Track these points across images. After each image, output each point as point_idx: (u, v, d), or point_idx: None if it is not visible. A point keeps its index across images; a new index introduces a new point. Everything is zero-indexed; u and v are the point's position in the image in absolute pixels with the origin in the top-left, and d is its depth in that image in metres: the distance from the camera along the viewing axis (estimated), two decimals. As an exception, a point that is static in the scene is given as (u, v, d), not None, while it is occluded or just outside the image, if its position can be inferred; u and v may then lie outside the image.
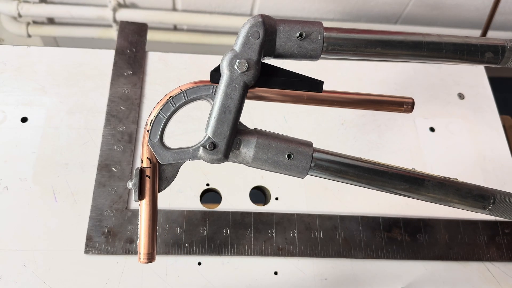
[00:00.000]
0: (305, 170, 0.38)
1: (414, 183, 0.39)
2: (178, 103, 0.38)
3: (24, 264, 0.54)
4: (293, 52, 0.36)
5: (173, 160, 0.38)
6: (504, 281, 0.61)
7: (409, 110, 0.42)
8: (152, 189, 0.38)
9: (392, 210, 0.64)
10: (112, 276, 0.55)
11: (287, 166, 0.38)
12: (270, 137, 0.38)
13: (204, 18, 1.10)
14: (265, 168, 0.38)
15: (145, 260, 0.38)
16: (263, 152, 0.37)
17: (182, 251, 0.57)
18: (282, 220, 0.61)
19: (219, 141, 0.36)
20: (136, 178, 0.37)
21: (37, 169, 0.60)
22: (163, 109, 0.38)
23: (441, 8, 1.14)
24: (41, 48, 0.71)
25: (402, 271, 0.60)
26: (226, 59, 0.35)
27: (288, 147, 0.37)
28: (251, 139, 0.37)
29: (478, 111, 0.74)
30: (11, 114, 0.64)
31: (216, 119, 0.36)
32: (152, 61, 0.71)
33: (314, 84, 0.38)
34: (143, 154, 0.38)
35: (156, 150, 0.38)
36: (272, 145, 0.37)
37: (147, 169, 0.38)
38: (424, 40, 0.37)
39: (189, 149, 0.38)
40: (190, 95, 0.38)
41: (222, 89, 0.36)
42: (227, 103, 0.36)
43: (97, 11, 1.07)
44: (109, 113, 0.65)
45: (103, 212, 0.58)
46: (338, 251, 0.59)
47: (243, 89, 0.36)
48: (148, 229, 0.38)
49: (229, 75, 0.35)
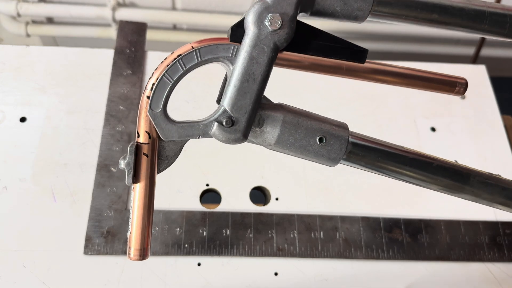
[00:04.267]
0: (338, 157, 0.32)
1: (459, 180, 0.33)
2: (189, 64, 0.30)
3: (23, 265, 0.54)
4: (335, 9, 0.29)
5: (178, 137, 0.31)
6: (505, 281, 0.60)
7: (461, 92, 0.36)
8: (149, 170, 0.32)
9: (393, 210, 0.63)
10: (111, 276, 0.55)
11: (316, 152, 0.31)
12: (299, 115, 0.31)
13: (204, 17, 1.10)
14: (288, 153, 0.32)
15: (136, 257, 0.31)
16: (290, 133, 0.31)
17: (181, 252, 0.57)
18: (282, 220, 0.60)
19: (238, 116, 0.29)
20: (130, 156, 0.30)
21: (36, 169, 0.60)
22: (169, 70, 0.30)
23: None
24: (40, 47, 0.71)
25: (403, 272, 0.60)
26: (254, 11, 0.28)
27: (320, 129, 0.31)
28: (276, 115, 0.30)
29: (479, 111, 0.74)
30: (10, 114, 0.64)
31: (237, 89, 0.29)
32: (152, 61, 0.71)
33: (358, 52, 0.31)
34: (140, 127, 0.30)
35: (158, 122, 0.30)
36: (302, 125, 0.31)
37: (144, 145, 0.31)
38: (488, 11, 0.31)
39: (199, 123, 0.31)
40: (205, 55, 0.30)
41: (246, 50, 0.29)
42: (252, 68, 0.29)
43: (96, 11, 1.06)
44: (108, 113, 0.65)
45: (102, 213, 0.58)
46: (338, 251, 0.59)
47: (272, 52, 0.29)
48: (142, 220, 0.31)
49: (256, 33, 0.28)
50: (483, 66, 0.79)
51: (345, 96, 0.72)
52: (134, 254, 0.31)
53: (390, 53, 1.20)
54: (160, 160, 0.32)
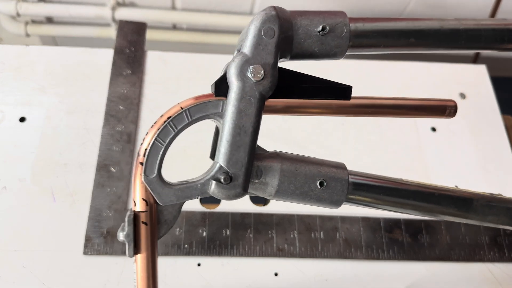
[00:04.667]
0: (341, 199, 0.31)
1: (463, 206, 0.33)
2: (180, 125, 0.30)
3: (22, 265, 0.54)
4: (314, 50, 0.29)
5: (176, 200, 0.30)
6: (505, 282, 0.60)
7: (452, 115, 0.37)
8: (150, 238, 0.30)
9: (393, 210, 0.63)
10: (111, 277, 0.55)
11: (318, 197, 0.31)
12: (296, 161, 0.31)
13: (204, 17, 1.10)
14: (291, 200, 0.31)
15: None
16: (290, 181, 0.30)
17: (181, 252, 0.57)
18: (282, 220, 0.60)
19: (235, 171, 0.29)
20: (130, 227, 0.29)
21: (36, 169, 0.60)
22: (161, 133, 0.30)
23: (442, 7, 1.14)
24: (39, 47, 0.71)
25: (403, 272, 0.59)
26: (235, 66, 0.28)
27: (319, 173, 0.31)
28: (273, 165, 0.30)
29: (479, 111, 0.74)
30: (10, 114, 0.64)
31: (230, 143, 0.29)
32: (151, 61, 0.71)
33: (342, 90, 0.31)
34: (136, 194, 0.29)
35: (154, 188, 0.30)
36: (300, 171, 0.30)
37: (142, 213, 0.29)
38: (462, 28, 0.31)
39: (196, 183, 0.31)
40: (194, 114, 0.30)
41: (233, 104, 0.28)
42: (242, 121, 0.28)
43: (96, 10, 1.06)
44: (108, 113, 0.65)
45: (102, 213, 0.58)
46: (338, 252, 0.59)
47: (259, 102, 0.28)
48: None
49: (241, 86, 0.28)
50: (484, 66, 0.79)
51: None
52: None
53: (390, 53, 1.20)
54: (159, 225, 0.31)
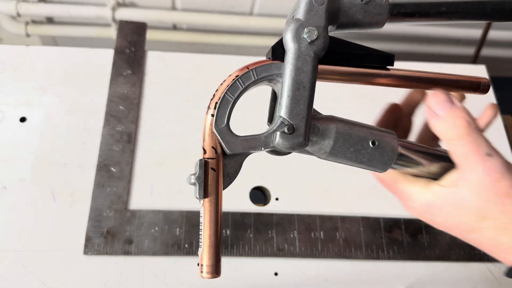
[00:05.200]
0: (391, 160, 0.34)
1: None
2: (247, 83, 0.33)
3: (23, 265, 0.54)
4: (358, 19, 0.32)
5: (242, 149, 0.32)
6: (505, 281, 0.60)
7: (485, 91, 0.39)
8: (216, 185, 0.32)
9: (393, 210, 0.63)
10: (111, 276, 0.55)
11: (370, 156, 0.34)
12: (350, 123, 0.34)
13: (204, 17, 1.10)
14: (342, 160, 0.34)
15: (209, 274, 0.31)
16: (345, 139, 0.33)
17: (181, 252, 0.57)
18: (282, 220, 0.60)
19: (297, 123, 0.32)
20: (201, 170, 0.31)
21: (36, 169, 0.60)
22: (230, 89, 0.33)
23: (441, 7, 1.14)
24: (40, 47, 0.71)
25: (403, 272, 0.60)
26: (291, 29, 0.31)
27: (371, 133, 0.34)
28: (329, 125, 0.33)
29: (479, 111, 0.74)
30: (10, 114, 0.64)
31: (291, 98, 0.32)
32: (152, 61, 0.71)
33: (386, 57, 0.34)
34: (206, 143, 0.32)
35: (224, 137, 0.32)
36: (354, 132, 0.33)
37: (211, 160, 0.32)
38: None
39: (260, 136, 0.33)
40: (260, 73, 0.33)
41: (291, 63, 0.31)
42: (300, 78, 0.31)
43: (96, 10, 1.06)
44: (108, 113, 0.65)
45: (102, 213, 0.58)
46: (338, 252, 0.59)
47: (314, 61, 0.32)
48: (213, 235, 0.32)
49: (297, 47, 0.31)
50: (483, 66, 0.79)
51: (345, 96, 0.72)
52: (207, 271, 0.31)
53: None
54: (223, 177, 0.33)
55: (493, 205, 0.31)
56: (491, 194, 0.31)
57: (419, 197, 0.35)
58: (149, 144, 0.64)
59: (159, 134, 0.65)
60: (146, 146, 0.64)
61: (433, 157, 0.35)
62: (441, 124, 0.33)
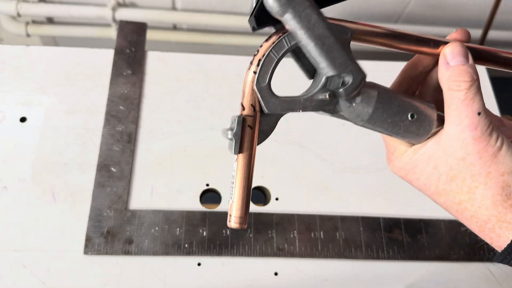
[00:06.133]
0: (427, 133, 0.33)
1: None
2: (292, 42, 0.31)
3: (23, 265, 0.54)
4: None
5: (280, 110, 0.32)
6: (505, 281, 0.60)
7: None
8: (252, 142, 0.33)
9: (393, 210, 0.63)
10: (111, 276, 0.55)
11: (407, 128, 0.33)
12: (391, 92, 0.33)
13: (204, 17, 1.10)
14: (378, 129, 0.34)
15: (237, 224, 0.33)
16: (384, 108, 0.32)
17: (181, 252, 0.57)
18: (282, 220, 0.60)
19: (345, 72, 0.31)
20: (238, 127, 0.32)
21: (36, 169, 0.60)
22: (276, 47, 0.31)
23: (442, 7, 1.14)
24: (40, 47, 0.71)
25: (403, 272, 0.60)
26: None
27: (411, 105, 0.33)
28: (370, 92, 0.32)
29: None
30: (10, 114, 0.64)
31: (324, 54, 0.30)
32: (152, 61, 0.71)
33: None
34: (246, 100, 0.32)
35: (264, 95, 0.32)
36: (394, 101, 0.33)
37: (249, 118, 0.32)
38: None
39: (300, 97, 0.32)
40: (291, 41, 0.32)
41: (298, 27, 0.30)
42: (315, 32, 0.30)
43: (96, 11, 1.06)
44: (108, 113, 0.65)
45: (102, 213, 0.58)
46: (338, 251, 0.59)
47: (314, 8, 0.30)
48: (244, 189, 0.33)
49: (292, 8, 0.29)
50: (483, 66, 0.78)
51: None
52: (235, 221, 0.33)
53: (390, 53, 1.20)
54: (258, 134, 0.34)
55: (465, 165, 0.32)
56: (467, 151, 0.31)
57: (401, 152, 0.35)
58: (149, 144, 0.64)
59: (159, 134, 0.65)
60: (146, 146, 0.64)
61: None
62: (448, 73, 0.33)
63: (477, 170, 0.31)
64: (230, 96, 0.69)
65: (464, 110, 0.32)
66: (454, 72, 0.33)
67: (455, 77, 0.32)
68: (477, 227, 0.32)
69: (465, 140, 0.31)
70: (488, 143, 0.31)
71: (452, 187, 0.32)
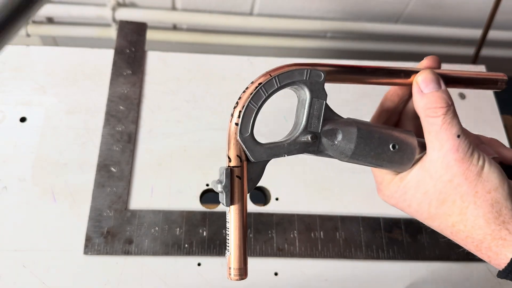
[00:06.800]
0: (410, 161, 0.35)
1: None
2: (270, 90, 0.33)
3: (23, 265, 0.54)
4: None
5: (266, 157, 0.33)
6: (505, 282, 0.60)
7: (503, 87, 0.40)
8: (242, 191, 0.33)
9: (393, 210, 0.63)
10: (111, 276, 0.55)
11: (390, 158, 0.34)
12: (370, 126, 0.35)
13: (204, 17, 1.10)
14: (363, 163, 0.35)
15: (237, 277, 0.33)
16: (366, 143, 0.34)
17: (181, 252, 0.57)
18: (282, 220, 0.60)
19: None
20: (227, 180, 0.32)
21: (36, 169, 0.60)
22: (254, 97, 0.33)
23: (442, 8, 1.14)
24: (40, 47, 0.71)
25: (403, 272, 0.60)
26: None
27: (391, 136, 0.34)
28: (350, 129, 0.34)
29: (479, 111, 0.74)
30: (10, 114, 0.64)
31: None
32: (152, 61, 0.71)
33: None
34: (231, 151, 0.33)
35: (248, 145, 0.33)
36: (375, 135, 0.34)
37: (236, 168, 0.33)
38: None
39: (283, 143, 0.34)
40: (282, 80, 0.33)
41: None
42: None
43: (96, 11, 1.06)
44: (108, 113, 0.65)
45: (102, 213, 0.58)
46: (338, 252, 0.59)
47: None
48: (240, 240, 0.33)
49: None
50: (483, 66, 0.79)
51: (345, 96, 0.72)
52: (235, 274, 0.33)
53: (390, 53, 1.20)
54: (247, 182, 0.34)
55: (453, 186, 0.32)
56: (453, 172, 0.32)
57: (388, 181, 0.36)
58: (149, 144, 0.64)
59: (159, 134, 0.65)
60: (146, 146, 0.64)
61: None
62: (424, 101, 0.34)
63: (465, 190, 0.32)
64: (230, 96, 0.69)
65: (444, 135, 0.32)
66: (429, 100, 0.34)
67: (431, 104, 0.33)
68: (473, 247, 0.33)
69: (449, 163, 0.32)
70: (471, 163, 0.32)
71: (444, 210, 0.33)
